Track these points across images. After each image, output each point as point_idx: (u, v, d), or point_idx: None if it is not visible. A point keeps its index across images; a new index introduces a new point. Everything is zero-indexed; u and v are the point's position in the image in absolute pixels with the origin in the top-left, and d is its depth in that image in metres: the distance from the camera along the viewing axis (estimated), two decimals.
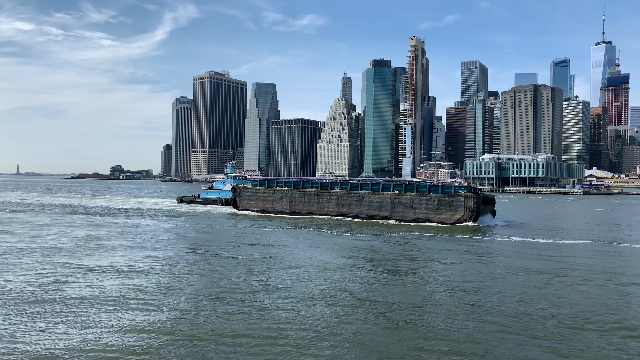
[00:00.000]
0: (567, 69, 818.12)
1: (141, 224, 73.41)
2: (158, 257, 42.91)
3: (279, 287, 32.08)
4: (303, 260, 42.13)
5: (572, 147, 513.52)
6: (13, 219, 78.46)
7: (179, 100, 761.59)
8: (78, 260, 40.60)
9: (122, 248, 48.27)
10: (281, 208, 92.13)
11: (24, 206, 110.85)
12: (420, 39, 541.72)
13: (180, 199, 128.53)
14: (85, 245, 49.84)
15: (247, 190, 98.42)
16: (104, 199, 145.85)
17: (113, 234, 59.33)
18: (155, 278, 34.21)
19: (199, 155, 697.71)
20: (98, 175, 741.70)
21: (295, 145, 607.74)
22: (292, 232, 64.58)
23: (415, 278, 35.87)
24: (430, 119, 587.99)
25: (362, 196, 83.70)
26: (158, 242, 52.70)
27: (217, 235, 60.41)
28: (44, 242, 51.53)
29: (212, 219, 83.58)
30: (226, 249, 48.81)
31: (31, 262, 39.69)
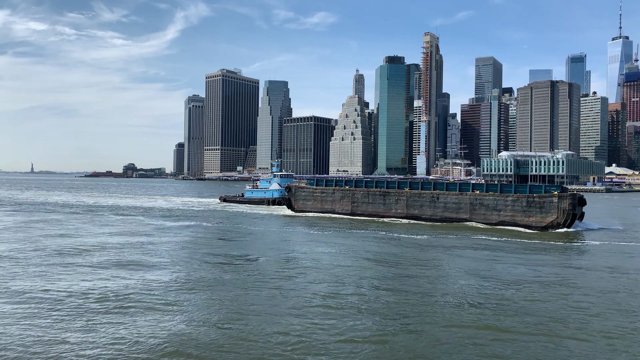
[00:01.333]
0: (583, 65, 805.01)
1: (213, 227, 67.58)
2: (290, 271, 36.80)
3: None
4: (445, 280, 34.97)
5: (589, 144, 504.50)
6: (98, 221, 74.41)
7: (191, 99, 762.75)
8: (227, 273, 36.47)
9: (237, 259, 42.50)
10: (342, 209, 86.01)
11: (82, 208, 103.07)
12: (435, 35, 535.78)
13: (224, 199, 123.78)
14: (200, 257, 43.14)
15: (304, 190, 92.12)
16: (146, 199, 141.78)
17: (202, 242, 53.15)
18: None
19: (211, 154, 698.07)
20: (111, 173, 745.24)
21: (308, 143, 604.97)
22: (381, 238, 56.79)
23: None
24: (444, 116, 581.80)
25: (437, 197, 76.70)
26: (255, 250, 47.22)
27: (304, 243, 52.38)
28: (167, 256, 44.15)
29: (274, 221, 77.14)
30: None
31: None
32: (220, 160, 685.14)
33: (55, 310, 25.48)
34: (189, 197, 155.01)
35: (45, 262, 38.71)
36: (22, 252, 43.75)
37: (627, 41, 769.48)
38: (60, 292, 29.35)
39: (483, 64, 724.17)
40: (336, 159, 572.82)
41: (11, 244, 48.61)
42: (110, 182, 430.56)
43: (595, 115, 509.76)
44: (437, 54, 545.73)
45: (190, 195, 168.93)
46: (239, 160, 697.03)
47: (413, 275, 35.68)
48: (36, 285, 31.05)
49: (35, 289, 29.98)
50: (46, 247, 46.16)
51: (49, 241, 50.44)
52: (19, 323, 23.47)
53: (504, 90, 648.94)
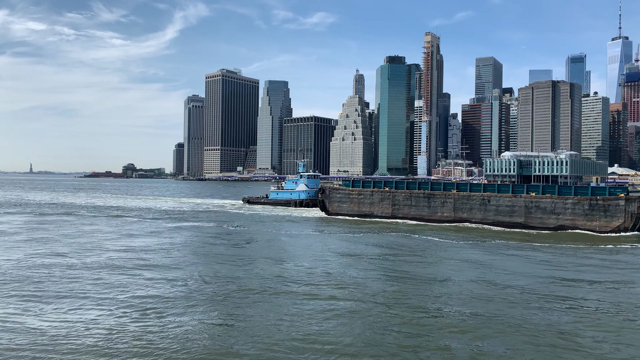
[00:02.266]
0: (583, 65, 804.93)
1: (247, 231, 65.39)
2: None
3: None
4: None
5: (591, 144, 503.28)
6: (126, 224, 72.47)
7: (190, 99, 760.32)
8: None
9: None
10: (381, 212, 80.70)
11: (107, 211, 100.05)
12: (436, 34, 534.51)
13: (247, 200, 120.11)
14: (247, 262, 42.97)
15: (339, 191, 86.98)
16: (164, 200, 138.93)
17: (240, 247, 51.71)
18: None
19: (211, 154, 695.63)
20: (111, 174, 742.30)
21: (308, 143, 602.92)
22: (454, 245, 52.97)
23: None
24: (445, 116, 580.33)
25: (488, 199, 72.00)
26: (299, 257, 45.28)
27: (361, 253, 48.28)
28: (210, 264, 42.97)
29: (310, 225, 72.33)
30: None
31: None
32: (220, 160, 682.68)
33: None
34: (210, 198, 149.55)
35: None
36: (119, 265, 41.85)
37: (626, 41, 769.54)
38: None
39: (483, 64, 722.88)
40: (337, 159, 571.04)
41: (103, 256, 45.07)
42: (112, 182, 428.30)
43: (597, 115, 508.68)
44: (437, 53, 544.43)
45: (210, 196, 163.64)
46: (239, 160, 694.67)
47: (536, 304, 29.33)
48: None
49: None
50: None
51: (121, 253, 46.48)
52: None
53: (504, 91, 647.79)
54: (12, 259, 41.69)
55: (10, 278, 34.49)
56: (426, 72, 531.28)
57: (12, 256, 43.28)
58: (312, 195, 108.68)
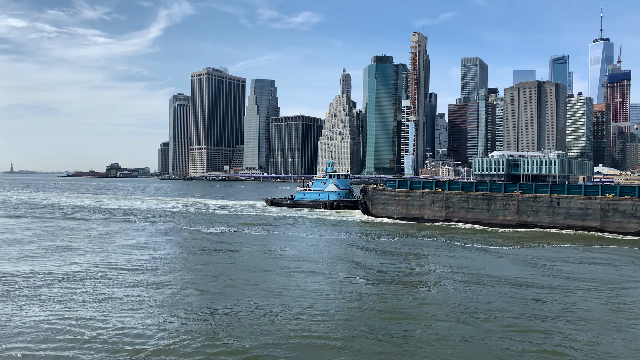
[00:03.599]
0: (566, 66, 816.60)
1: (286, 236, 60.32)
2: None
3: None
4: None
5: (575, 144, 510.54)
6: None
7: (176, 97, 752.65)
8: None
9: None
10: (433, 215, 74.99)
11: (114, 212, 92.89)
12: (423, 34, 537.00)
13: (271, 201, 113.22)
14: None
15: (383, 192, 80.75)
16: (181, 200, 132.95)
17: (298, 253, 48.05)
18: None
19: (197, 153, 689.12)
20: (94, 173, 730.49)
21: (296, 142, 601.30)
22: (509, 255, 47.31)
23: None
24: (432, 116, 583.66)
25: (557, 201, 65.91)
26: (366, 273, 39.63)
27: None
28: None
29: (353, 229, 66.38)
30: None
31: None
32: (206, 159, 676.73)
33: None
34: (227, 199, 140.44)
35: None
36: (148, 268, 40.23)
37: (608, 43, 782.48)
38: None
39: (469, 64, 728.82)
40: (324, 159, 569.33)
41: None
42: (99, 182, 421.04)
43: (581, 115, 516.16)
44: (425, 53, 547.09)
45: (225, 197, 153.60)
46: (226, 159, 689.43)
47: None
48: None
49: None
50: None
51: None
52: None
53: (490, 91, 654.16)
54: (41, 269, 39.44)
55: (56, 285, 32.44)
56: (413, 72, 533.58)
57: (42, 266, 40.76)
58: (342, 196, 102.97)
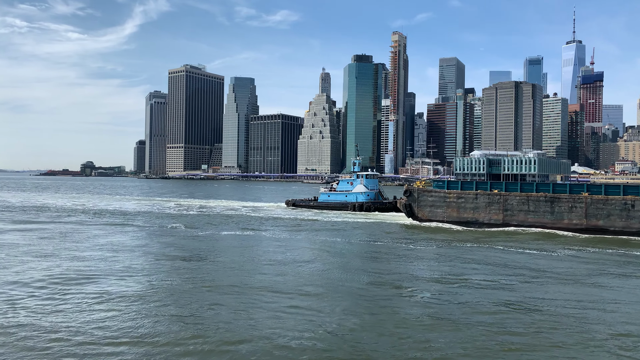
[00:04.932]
0: (540, 67, 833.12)
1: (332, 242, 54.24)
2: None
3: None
4: None
5: (551, 144, 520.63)
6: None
7: (152, 95, 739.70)
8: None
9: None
10: (489, 218, 69.28)
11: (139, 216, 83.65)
12: (403, 34, 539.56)
13: (292, 203, 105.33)
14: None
15: (432, 194, 74.69)
16: (192, 201, 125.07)
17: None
18: None
19: (174, 151, 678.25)
20: (68, 172, 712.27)
21: (276, 141, 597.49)
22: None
23: None
24: (411, 115, 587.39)
25: (631, 203, 59.90)
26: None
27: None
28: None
29: (406, 236, 60.23)
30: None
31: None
32: (183, 158, 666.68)
33: None
34: (244, 200, 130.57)
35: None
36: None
37: (580, 45, 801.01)
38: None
39: (447, 64, 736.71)
40: (304, 158, 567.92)
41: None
42: (76, 181, 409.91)
43: (556, 116, 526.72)
44: (404, 53, 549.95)
45: (250, 199, 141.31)
46: (204, 158, 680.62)
47: None
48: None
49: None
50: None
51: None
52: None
53: (467, 91, 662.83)
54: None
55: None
56: (393, 71, 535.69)
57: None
58: (372, 197, 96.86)
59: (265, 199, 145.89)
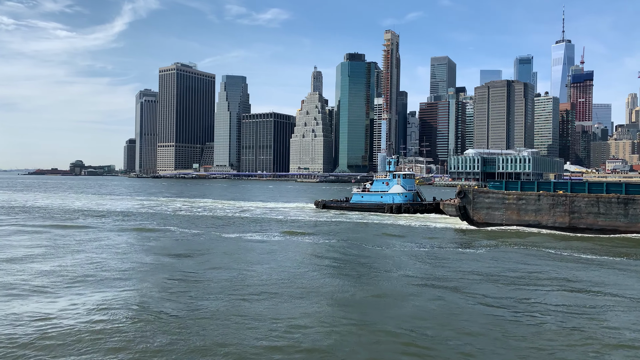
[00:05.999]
0: (531, 66, 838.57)
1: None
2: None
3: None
4: None
5: (542, 142, 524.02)
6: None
7: (143, 93, 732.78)
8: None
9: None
10: (553, 221, 64.23)
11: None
12: (395, 32, 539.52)
13: (323, 204, 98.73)
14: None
15: (488, 195, 69.61)
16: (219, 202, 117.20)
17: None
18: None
19: (165, 150, 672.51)
20: (57, 171, 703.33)
21: (268, 140, 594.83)
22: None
23: None
24: (404, 114, 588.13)
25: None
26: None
27: None
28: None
29: (462, 240, 54.29)
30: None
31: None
32: (174, 157, 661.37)
33: None
34: (271, 201, 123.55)
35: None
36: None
37: (569, 45, 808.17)
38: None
39: (438, 63, 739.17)
40: (297, 156, 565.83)
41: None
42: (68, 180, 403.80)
43: (548, 114, 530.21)
44: (397, 51, 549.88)
45: (271, 200, 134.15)
46: (195, 157, 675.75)
47: None
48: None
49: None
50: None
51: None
52: None
53: (458, 90, 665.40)
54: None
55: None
56: (386, 70, 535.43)
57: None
58: (410, 198, 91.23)
59: (283, 199, 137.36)
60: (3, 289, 29.51)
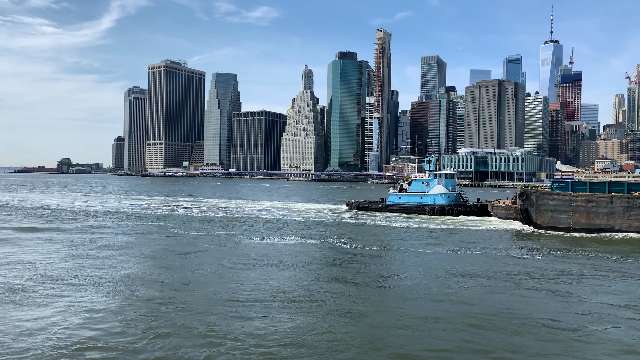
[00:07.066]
0: (520, 66, 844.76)
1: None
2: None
3: None
4: None
5: (532, 142, 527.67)
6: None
7: (132, 91, 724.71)
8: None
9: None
10: (627, 226, 59.79)
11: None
12: (387, 31, 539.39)
13: (357, 205, 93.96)
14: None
15: (554, 197, 64.52)
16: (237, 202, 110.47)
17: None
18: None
19: (154, 148, 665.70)
20: (45, 169, 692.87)
21: (259, 138, 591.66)
22: None
23: None
24: (395, 113, 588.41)
25: None
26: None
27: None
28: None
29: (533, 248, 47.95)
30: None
31: None
32: (164, 155, 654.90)
33: None
34: (296, 202, 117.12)
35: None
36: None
37: (557, 45, 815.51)
38: None
39: (428, 62, 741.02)
40: (288, 155, 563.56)
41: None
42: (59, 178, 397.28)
43: (538, 114, 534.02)
44: (388, 50, 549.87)
45: (296, 199, 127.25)
46: (185, 155, 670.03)
47: None
48: None
49: None
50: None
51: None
52: None
53: (448, 89, 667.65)
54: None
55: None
56: (378, 69, 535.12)
57: None
58: (452, 199, 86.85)
59: (298, 199, 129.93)
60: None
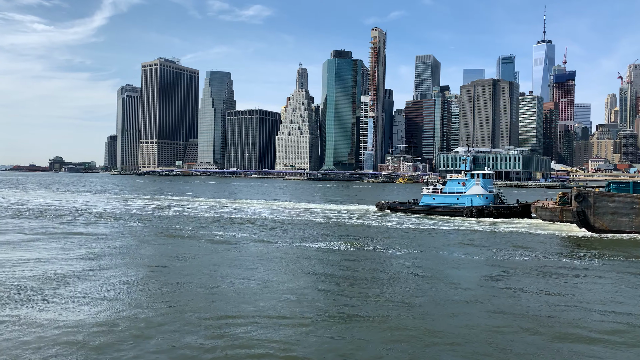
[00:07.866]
0: (513, 66, 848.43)
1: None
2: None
3: None
4: None
5: (527, 141, 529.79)
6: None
7: (125, 89, 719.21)
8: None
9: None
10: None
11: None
12: (382, 30, 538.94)
13: (388, 206, 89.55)
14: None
15: (613, 199, 60.86)
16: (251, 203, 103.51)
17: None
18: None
19: (147, 147, 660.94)
20: (36, 167, 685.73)
21: (253, 137, 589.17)
22: None
23: None
24: (390, 112, 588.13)
25: None
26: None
27: None
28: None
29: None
30: None
31: None
32: (157, 153, 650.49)
33: None
34: (323, 202, 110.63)
35: None
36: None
37: (550, 45, 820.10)
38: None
39: (423, 61, 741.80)
40: (283, 154, 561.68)
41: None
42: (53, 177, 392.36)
43: (532, 113, 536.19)
44: (383, 49, 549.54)
45: (317, 200, 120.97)
46: (178, 154, 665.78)
47: None
48: None
49: None
50: None
51: None
52: None
53: (442, 88, 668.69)
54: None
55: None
56: (373, 68, 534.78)
57: None
58: (490, 200, 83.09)
59: (313, 200, 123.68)
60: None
